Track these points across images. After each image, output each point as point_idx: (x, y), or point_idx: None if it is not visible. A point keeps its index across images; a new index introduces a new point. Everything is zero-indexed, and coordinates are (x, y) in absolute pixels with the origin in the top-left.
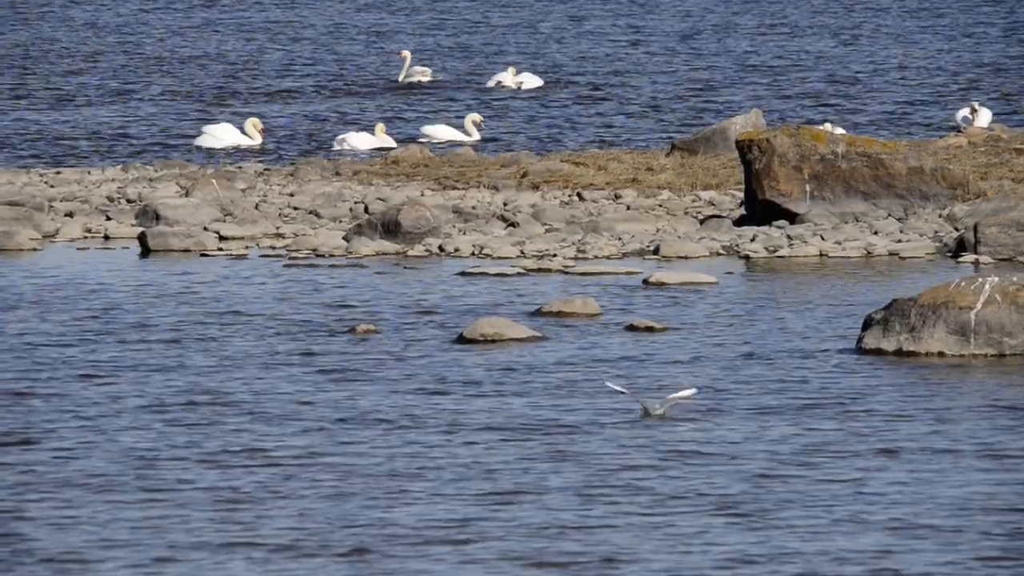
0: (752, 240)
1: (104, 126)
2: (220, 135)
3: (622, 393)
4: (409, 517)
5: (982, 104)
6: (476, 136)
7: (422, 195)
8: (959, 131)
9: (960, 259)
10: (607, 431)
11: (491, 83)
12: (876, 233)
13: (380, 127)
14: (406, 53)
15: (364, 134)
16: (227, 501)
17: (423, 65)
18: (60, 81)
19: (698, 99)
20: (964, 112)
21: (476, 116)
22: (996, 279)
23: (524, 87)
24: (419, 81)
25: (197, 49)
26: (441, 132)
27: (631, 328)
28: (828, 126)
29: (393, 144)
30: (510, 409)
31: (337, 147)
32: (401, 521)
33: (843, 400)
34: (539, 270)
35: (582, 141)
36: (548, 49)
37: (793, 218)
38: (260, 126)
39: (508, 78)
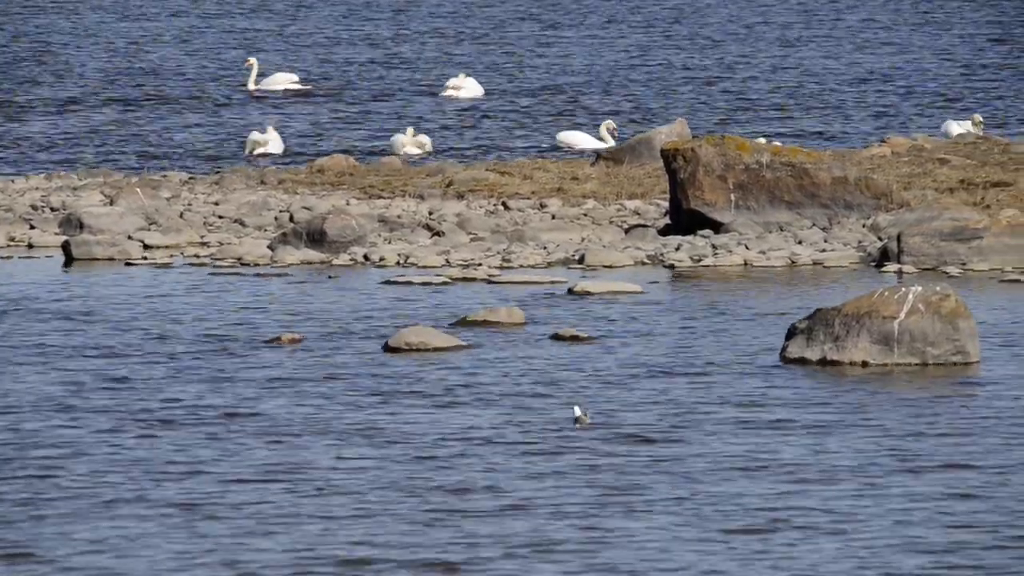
0: (677, 249)
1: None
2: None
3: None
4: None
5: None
6: (611, 143)
7: (347, 204)
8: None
9: (884, 269)
10: (530, 439)
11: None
12: (800, 243)
13: (411, 131)
14: (252, 60)
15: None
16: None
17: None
18: None
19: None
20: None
21: (610, 123)
22: (919, 289)
23: (464, 95)
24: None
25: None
26: (578, 139)
27: (556, 337)
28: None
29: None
30: (434, 418)
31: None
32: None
33: (767, 410)
34: (464, 279)
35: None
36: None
37: (718, 227)
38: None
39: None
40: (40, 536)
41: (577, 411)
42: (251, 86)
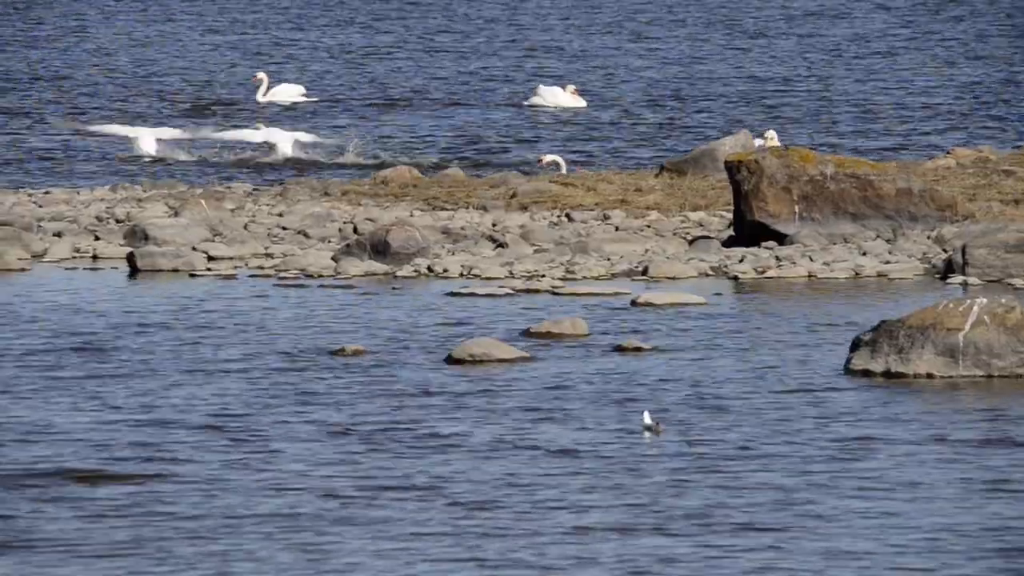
0: (740, 261)
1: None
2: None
3: (650, 427)
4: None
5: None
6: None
7: (411, 215)
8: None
9: (948, 280)
10: (597, 451)
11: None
12: (864, 254)
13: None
14: (262, 75)
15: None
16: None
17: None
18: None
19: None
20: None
21: (771, 133)
22: (984, 301)
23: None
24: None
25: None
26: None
27: (619, 349)
28: (772, 134)
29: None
30: (498, 429)
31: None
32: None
33: (831, 421)
34: (528, 291)
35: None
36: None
37: (782, 239)
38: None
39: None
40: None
41: (647, 418)
42: (260, 98)
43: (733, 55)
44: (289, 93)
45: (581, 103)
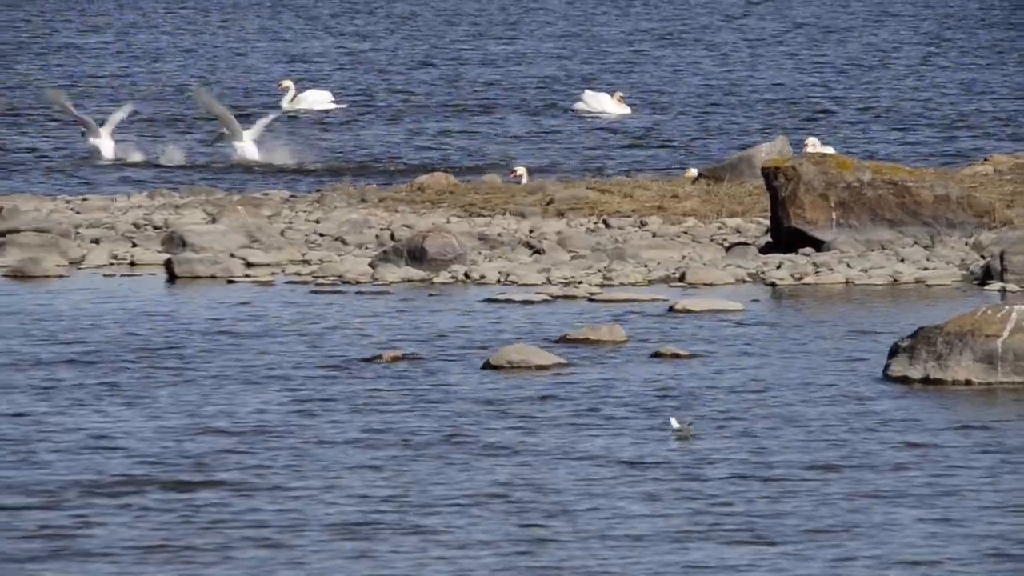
0: (778, 267)
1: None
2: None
3: (679, 432)
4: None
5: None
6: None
7: (448, 222)
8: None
9: (987, 287)
10: (640, 457)
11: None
12: (902, 261)
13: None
14: (288, 83)
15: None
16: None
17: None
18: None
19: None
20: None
21: (813, 140)
22: (1023, 307)
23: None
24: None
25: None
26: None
27: (657, 355)
28: (813, 140)
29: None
30: (536, 436)
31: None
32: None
33: (871, 428)
34: (565, 297)
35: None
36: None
37: (819, 245)
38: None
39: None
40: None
41: (675, 423)
42: (285, 106)
43: (774, 61)
44: (316, 100)
45: (626, 110)
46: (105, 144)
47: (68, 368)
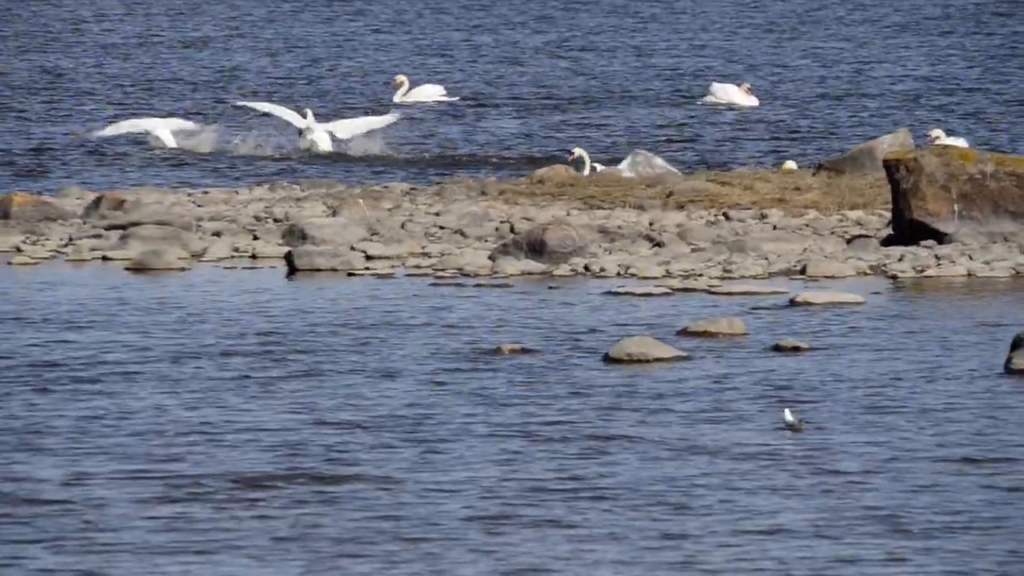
0: (899, 260)
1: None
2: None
3: (792, 425)
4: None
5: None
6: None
7: (568, 215)
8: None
9: None
10: (761, 450)
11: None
12: None
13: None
14: (402, 78)
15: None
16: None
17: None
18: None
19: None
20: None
21: (938, 132)
22: None
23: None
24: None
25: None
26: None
27: (777, 348)
28: (939, 132)
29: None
30: (659, 429)
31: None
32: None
33: (995, 420)
34: (685, 290)
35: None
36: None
37: (941, 238)
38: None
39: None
40: None
41: (788, 416)
42: (397, 100)
43: (899, 53)
44: (429, 94)
45: (754, 101)
46: (320, 137)
47: (196, 361)
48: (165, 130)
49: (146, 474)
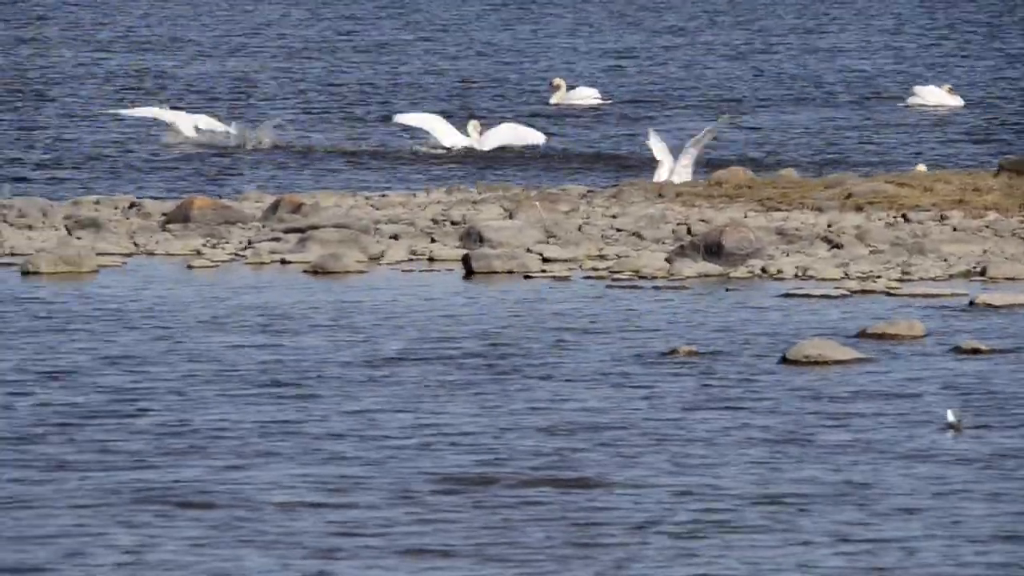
0: None
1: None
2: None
3: (953, 425)
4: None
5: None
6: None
7: (745, 217)
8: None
9: None
10: (955, 454)
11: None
12: None
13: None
14: (559, 80)
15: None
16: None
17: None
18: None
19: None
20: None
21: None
22: None
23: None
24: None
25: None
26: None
27: (957, 350)
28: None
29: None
30: (843, 432)
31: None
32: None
33: None
34: (863, 292)
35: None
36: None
37: None
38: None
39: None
40: None
41: (951, 415)
42: (553, 102)
43: None
44: (584, 96)
45: (959, 101)
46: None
47: (388, 366)
48: (188, 124)
49: (351, 478)
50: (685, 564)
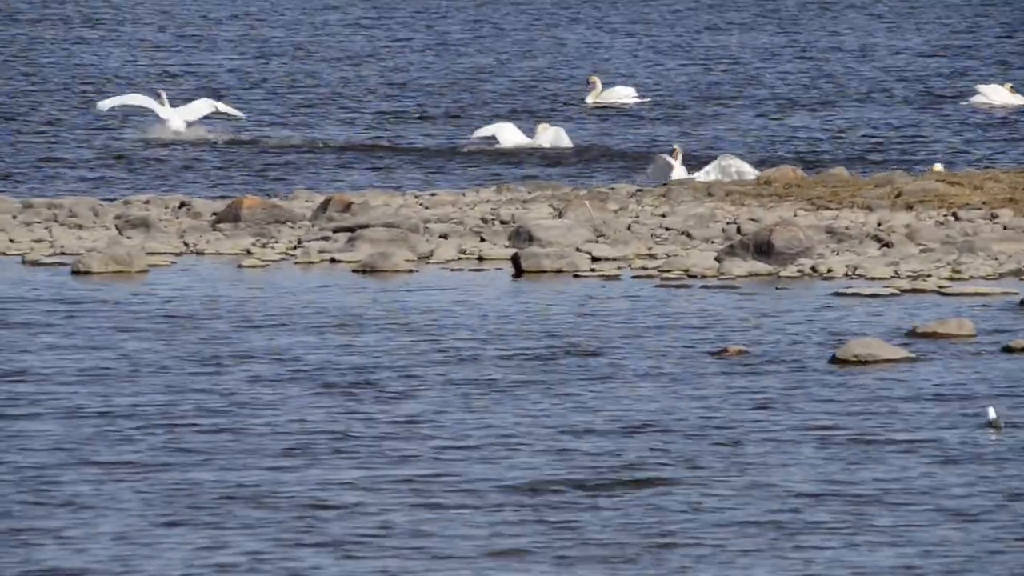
0: None
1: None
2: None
3: (993, 423)
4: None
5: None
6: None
7: (795, 215)
8: None
9: None
10: (1002, 454)
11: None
12: None
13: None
14: (595, 79)
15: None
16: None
17: None
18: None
19: None
20: None
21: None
22: None
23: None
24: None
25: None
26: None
27: (1007, 349)
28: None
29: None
30: (897, 431)
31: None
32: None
33: None
34: (913, 291)
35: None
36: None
37: None
38: None
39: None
40: None
41: (992, 413)
42: (590, 101)
43: None
44: (621, 95)
45: (1021, 100)
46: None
47: (442, 366)
48: (178, 120)
49: (423, 479)
50: (754, 561)
